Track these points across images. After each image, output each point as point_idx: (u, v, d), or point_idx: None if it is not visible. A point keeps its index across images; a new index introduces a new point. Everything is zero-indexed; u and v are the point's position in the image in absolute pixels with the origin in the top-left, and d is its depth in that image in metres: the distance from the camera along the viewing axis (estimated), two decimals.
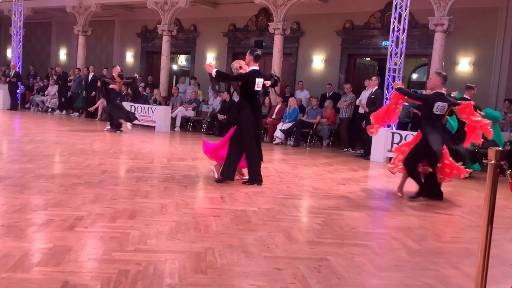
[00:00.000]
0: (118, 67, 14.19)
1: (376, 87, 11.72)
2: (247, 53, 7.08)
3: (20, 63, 19.00)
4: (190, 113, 15.54)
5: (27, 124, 13.74)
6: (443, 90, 6.78)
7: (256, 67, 6.97)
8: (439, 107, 6.56)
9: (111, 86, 13.14)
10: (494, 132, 9.02)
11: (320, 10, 15.29)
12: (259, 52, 7.11)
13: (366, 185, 7.78)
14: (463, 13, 12.33)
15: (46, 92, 19.24)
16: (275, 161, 9.72)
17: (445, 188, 8.05)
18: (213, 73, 6.82)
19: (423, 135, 6.66)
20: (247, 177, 7.01)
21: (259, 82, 6.86)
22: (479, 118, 6.83)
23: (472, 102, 7.21)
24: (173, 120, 15.22)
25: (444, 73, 6.91)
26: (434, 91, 6.75)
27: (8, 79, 18.60)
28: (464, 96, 8.76)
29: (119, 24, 21.05)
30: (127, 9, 19.66)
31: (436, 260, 4.14)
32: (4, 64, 23.25)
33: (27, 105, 19.69)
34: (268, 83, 7.17)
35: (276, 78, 7.46)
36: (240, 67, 7.01)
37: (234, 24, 17.69)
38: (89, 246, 3.82)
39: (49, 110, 18.72)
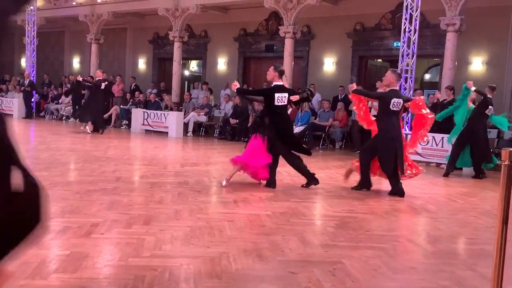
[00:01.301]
0: (99, 71, 14.78)
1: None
2: (271, 69, 7.11)
3: (34, 72, 19.27)
4: (203, 118, 15.62)
5: (42, 132, 13.91)
6: (397, 87, 7.23)
7: (280, 83, 7.08)
8: (395, 103, 6.91)
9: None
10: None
11: (330, 13, 15.29)
12: (282, 68, 7.29)
13: (380, 187, 7.74)
14: (474, 12, 12.24)
15: (60, 100, 19.47)
16: (288, 165, 9.70)
17: (460, 189, 8.02)
18: (235, 91, 7.20)
19: (378, 131, 7.07)
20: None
21: (279, 97, 6.91)
22: (430, 115, 7.23)
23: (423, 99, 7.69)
24: (186, 125, 15.31)
25: (398, 71, 7.76)
26: (389, 88, 7.07)
27: (22, 88, 18.88)
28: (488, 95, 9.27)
29: (131, 32, 21.25)
30: (139, 17, 19.85)
31: (451, 262, 4.12)
32: (18, 73, 23.59)
33: (42, 114, 19.95)
34: (295, 97, 7.27)
35: (308, 92, 7.59)
36: None
37: (245, 28, 17.76)
38: (105, 252, 3.86)
39: (64, 118, 18.93)
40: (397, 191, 6.93)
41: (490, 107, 9.31)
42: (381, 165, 7.08)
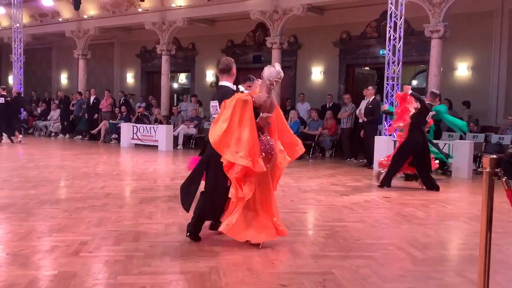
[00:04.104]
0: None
1: (373, 96, 11.76)
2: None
3: (21, 89, 19.16)
4: (192, 131, 15.60)
5: (31, 150, 13.82)
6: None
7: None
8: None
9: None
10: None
11: (316, 23, 15.41)
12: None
13: (370, 195, 7.78)
14: (458, 18, 12.39)
15: (48, 117, 19.39)
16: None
17: (449, 194, 8.07)
18: None
19: (410, 137, 8.41)
20: None
21: None
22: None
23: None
24: (176, 138, 15.28)
25: (436, 92, 9.12)
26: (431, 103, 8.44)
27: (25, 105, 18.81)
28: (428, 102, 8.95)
29: (118, 46, 21.26)
30: (125, 31, 19.86)
31: (441, 269, 4.14)
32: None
33: (30, 131, 19.83)
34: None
35: None
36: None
37: (232, 40, 17.84)
38: (94, 271, 3.84)
39: (52, 134, 18.85)
40: (432, 185, 8.16)
41: (430, 112, 8.75)
42: (417, 166, 8.34)
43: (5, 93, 15.97)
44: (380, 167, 8.96)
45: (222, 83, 5.00)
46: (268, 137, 4.66)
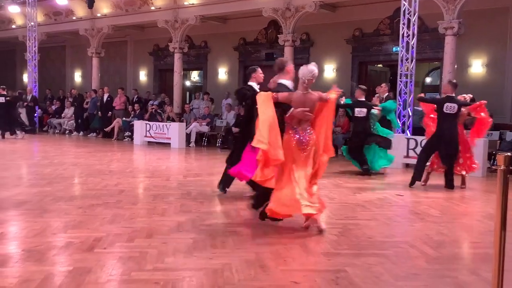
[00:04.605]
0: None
1: (387, 93, 11.69)
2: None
3: (36, 87, 19.38)
4: (205, 128, 15.66)
5: (46, 147, 13.97)
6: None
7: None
8: (448, 107, 7.91)
9: None
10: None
11: (329, 20, 15.35)
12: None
13: (383, 192, 7.74)
14: (472, 15, 12.27)
15: (63, 115, 19.58)
16: None
17: (463, 192, 8.01)
18: None
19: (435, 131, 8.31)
20: None
21: None
22: (489, 118, 8.50)
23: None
24: (188, 136, 15.35)
25: (454, 81, 8.59)
26: (445, 95, 7.88)
27: (25, 103, 18.98)
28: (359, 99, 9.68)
29: (131, 44, 21.38)
30: (139, 29, 19.97)
31: (455, 267, 4.11)
32: (21, 88, 23.72)
33: (45, 128, 20.05)
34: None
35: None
36: None
37: (244, 38, 17.84)
38: (108, 267, 3.88)
39: (67, 132, 19.03)
40: (447, 184, 8.12)
41: (358, 109, 9.65)
42: (441, 159, 8.23)
43: (5, 93, 16.37)
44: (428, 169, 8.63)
45: (280, 81, 5.57)
46: (307, 129, 5.16)
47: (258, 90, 6.49)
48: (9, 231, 4.95)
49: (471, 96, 8.64)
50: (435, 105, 8.39)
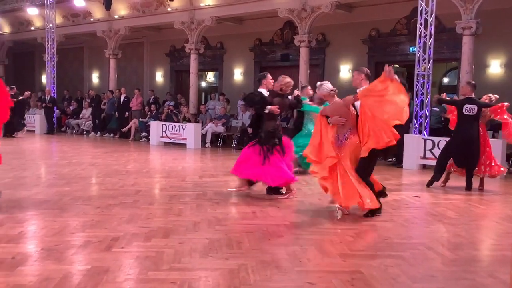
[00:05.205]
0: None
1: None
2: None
3: (54, 88, 19.63)
4: (220, 129, 15.71)
5: (64, 148, 14.15)
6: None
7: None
8: (467, 108, 7.93)
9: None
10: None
11: (345, 20, 15.30)
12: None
13: (399, 194, 7.69)
14: (490, 14, 12.12)
15: (80, 115, 19.80)
16: (305, 174, 9.69)
17: (481, 194, 7.92)
18: None
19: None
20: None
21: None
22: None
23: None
24: (204, 136, 15.41)
25: (473, 82, 8.41)
26: (465, 97, 8.03)
27: (44, 104, 19.24)
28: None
29: (148, 45, 21.55)
30: (155, 30, 20.11)
31: (472, 269, 4.08)
32: (39, 90, 24.06)
33: (63, 129, 20.31)
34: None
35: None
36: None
37: (260, 38, 17.87)
38: (125, 266, 3.92)
39: (84, 132, 19.24)
40: (466, 185, 8.07)
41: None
42: (456, 161, 8.19)
43: (13, 93, 16.62)
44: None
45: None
46: (346, 134, 5.93)
47: (267, 96, 6.75)
48: (29, 230, 5.03)
49: (497, 96, 8.48)
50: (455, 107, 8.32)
